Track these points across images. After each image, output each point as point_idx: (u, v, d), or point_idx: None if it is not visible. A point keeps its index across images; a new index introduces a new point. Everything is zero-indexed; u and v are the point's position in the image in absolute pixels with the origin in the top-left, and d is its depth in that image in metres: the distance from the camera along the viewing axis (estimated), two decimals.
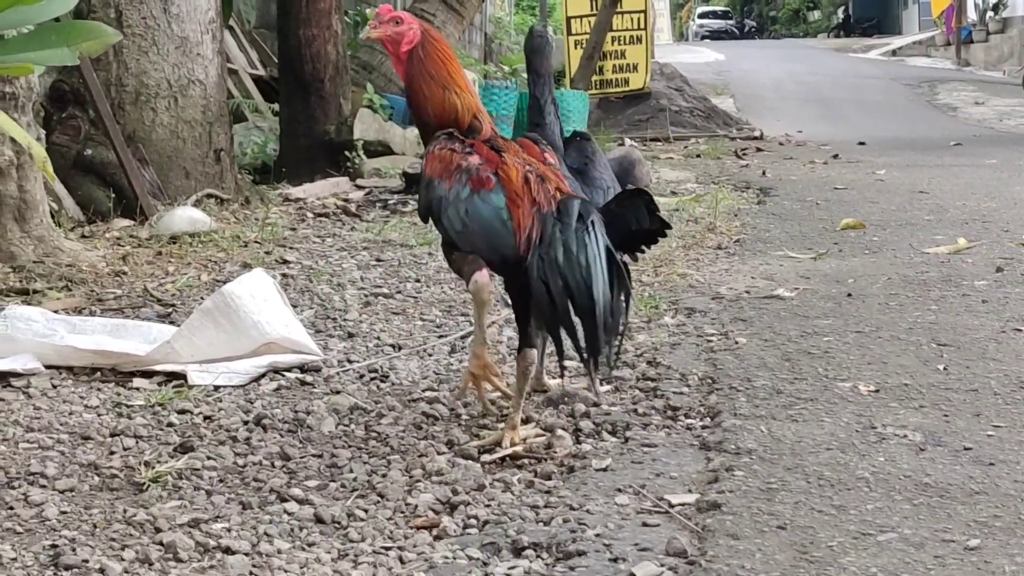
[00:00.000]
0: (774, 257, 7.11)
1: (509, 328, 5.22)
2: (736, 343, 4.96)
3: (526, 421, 3.99)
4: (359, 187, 9.98)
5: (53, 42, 5.59)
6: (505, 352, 4.95)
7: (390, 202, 9.27)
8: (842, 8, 61.33)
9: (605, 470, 3.53)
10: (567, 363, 4.36)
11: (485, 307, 3.79)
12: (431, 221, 3.88)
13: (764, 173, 12.38)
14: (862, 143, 16.64)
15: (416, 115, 3.98)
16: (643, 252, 4.01)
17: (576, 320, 3.59)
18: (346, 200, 9.31)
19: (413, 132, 12.13)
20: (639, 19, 20.16)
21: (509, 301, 4.02)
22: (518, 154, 3.84)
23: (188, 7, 8.39)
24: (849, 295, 5.92)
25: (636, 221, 3.75)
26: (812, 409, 4.03)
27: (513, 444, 3.70)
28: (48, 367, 4.57)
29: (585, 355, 3.62)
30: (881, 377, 4.42)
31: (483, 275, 3.74)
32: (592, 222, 3.59)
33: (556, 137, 4.58)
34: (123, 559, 2.90)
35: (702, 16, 71.97)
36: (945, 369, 4.53)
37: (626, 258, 3.77)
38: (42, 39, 5.62)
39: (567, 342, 3.66)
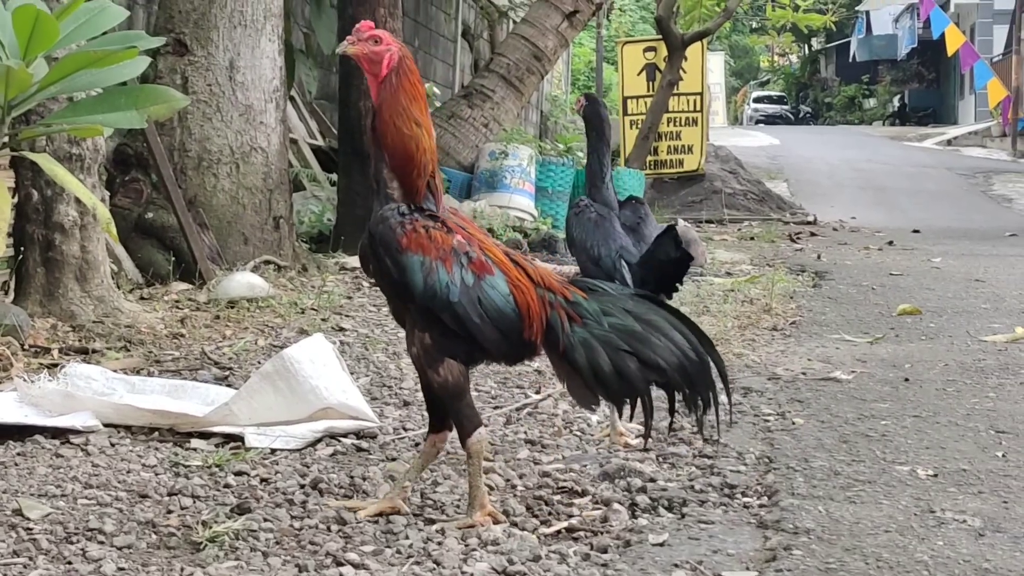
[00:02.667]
0: (830, 340, 7.09)
1: (564, 402, 5.22)
2: (793, 423, 4.94)
3: (582, 494, 3.99)
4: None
5: (122, 105, 5.67)
6: (561, 425, 4.96)
7: None
8: (898, 97, 61.33)
9: (662, 545, 3.51)
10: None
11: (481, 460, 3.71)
12: (416, 311, 3.60)
13: (819, 257, 12.37)
14: (916, 231, 16.61)
15: (375, 143, 3.66)
16: (677, 289, 4.59)
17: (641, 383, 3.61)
18: None
19: (470, 205, 12.21)
20: (695, 101, 20.25)
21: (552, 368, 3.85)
22: (469, 224, 3.74)
23: (253, 75, 8.49)
24: (906, 380, 5.89)
25: (665, 253, 4.45)
26: (870, 491, 4.01)
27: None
28: (107, 425, 4.60)
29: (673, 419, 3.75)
30: (939, 462, 4.39)
31: (484, 431, 3.69)
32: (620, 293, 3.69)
33: (612, 199, 4.99)
34: None
35: (757, 100, 72.05)
36: (1004, 456, 4.49)
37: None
38: (112, 102, 5.70)
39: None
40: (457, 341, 3.60)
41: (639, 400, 3.65)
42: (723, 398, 3.75)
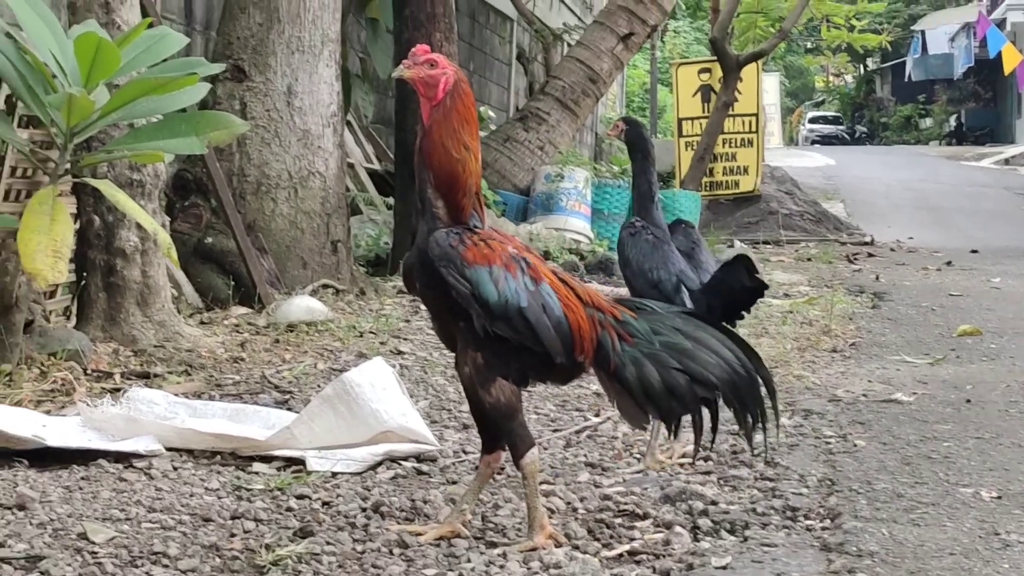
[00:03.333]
0: (890, 361, 7.05)
1: (624, 424, 5.20)
2: (855, 445, 4.92)
3: (643, 517, 3.98)
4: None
5: (183, 131, 5.73)
6: (621, 448, 4.95)
7: None
8: (954, 116, 60.93)
9: (725, 568, 3.50)
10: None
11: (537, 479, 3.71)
12: (467, 329, 3.57)
13: (877, 278, 12.30)
14: (975, 251, 16.49)
15: (421, 163, 3.64)
16: (742, 317, 4.60)
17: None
18: None
19: (526, 228, 12.22)
20: (751, 122, 20.22)
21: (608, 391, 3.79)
22: (513, 241, 3.72)
23: (311, 101, 8.54)
24: (968, 401, 5.85)
25: (738, 281, 4.47)
26: (934, 514, 3.98)
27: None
28: (169, 449, 4.63)
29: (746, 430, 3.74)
30: (1003, 483, 4.35)
31: (536, 450, 3.69)
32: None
33: (662, 220, 4.99)
34: None
35: (812, 121, 71.75)
36: None
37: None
38: (172, 128, 5.76)
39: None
40: (509, 359, 3.60)
41: (691, 417, 3.66)
42: (773, 415, 3.78)
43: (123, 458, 4.50)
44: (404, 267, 3.75)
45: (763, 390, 3.70)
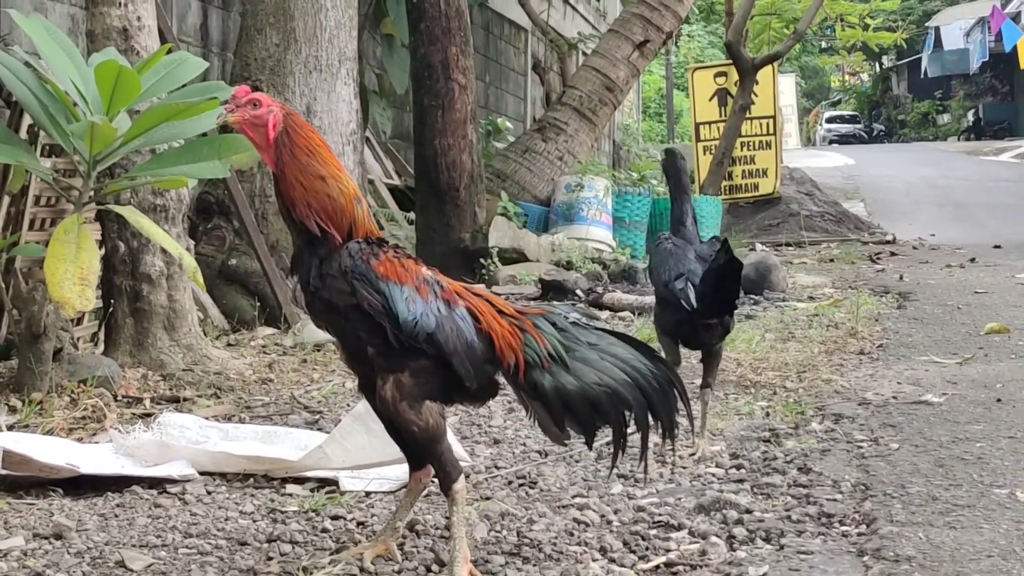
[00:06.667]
0: (919, 362, 7.03)
1: (654, 434, 5.20)
2: (887, 449, 4.90)
3: (678, 528, 3.97)
4: (495, 294, 10.02)
5: (205, 155, 5.75)
6: (652, 459, 4.95)
7: None
8: (972, 111, 60.82)
9: None
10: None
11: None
12: (383, 353, 3.43)
13: (901, 278, 12.28)
14: (998, 246, 16.45)
15: (291, 208, 3.46)
16: (735, 306, 5.08)
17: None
18: None
19: (548, 239, 12.22)
20: (768, 124, 20.23)
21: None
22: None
23: (330, 119, 8.56)
24: (999, 400, 5.83)
25: (716, 261, 4.85)
26: (970, 516, 3.96)
27: None
28: (202, 473, 4.64)
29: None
30: None
31: (463, 479, 3.54)
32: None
33: (693, 237, 5.41)
34: None
35: (830, 120, 71.71)
36: None
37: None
38: (195, 152, 5.78)
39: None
40: (431, 376, 3.46)
41: (612, 431, 3.62)
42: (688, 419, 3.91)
43: (157, 484, 4.51)
44: (307, 304, 3.56)
45: (677, 399, 3.65)
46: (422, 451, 3.53)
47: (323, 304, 3.46)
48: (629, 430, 3.63)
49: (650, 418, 3.61)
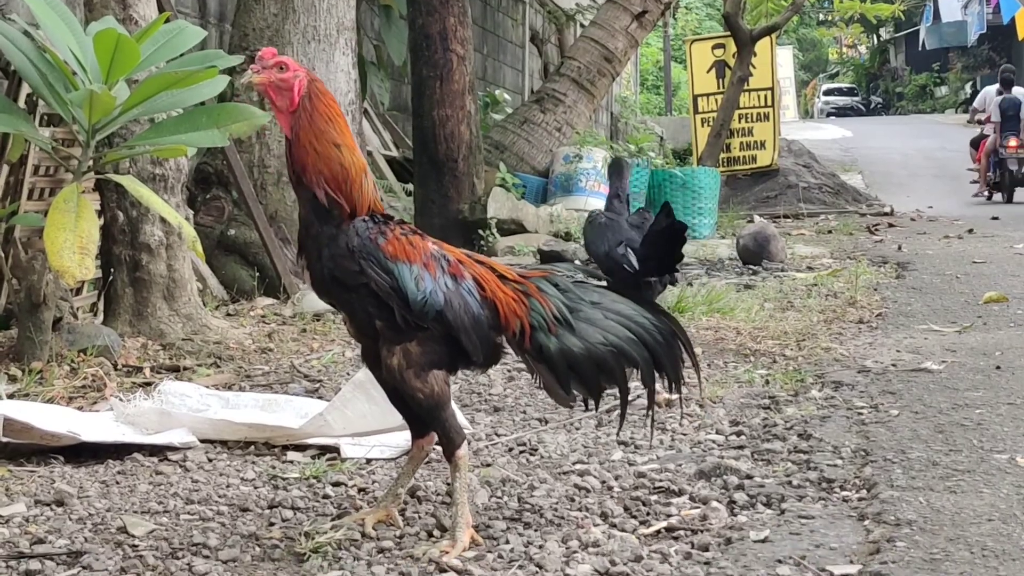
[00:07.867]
0: (917, 331, 7.04)
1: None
2: (887, 415, 4.91)
3: (679, 493, 3.98)
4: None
5: (204, 124, 5.74)
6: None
7: None
8: (970, 83, 60.69)
9: (763, 541, 3.49)
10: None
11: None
12: (390, 326, 3.44)
13: (899, 248, 12.29)
14: (995, 217, 16.47)
15: (301, 174, 3.46)
16: (677, 270, 5.53)
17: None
18: None
19: (546, 210, 12.22)
20: (766, 96, 20.19)
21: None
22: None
23: (329, 89, 8.52)
24: (998, 368, 5.84)
25: (658, 223, 5.29)
26: (970, 480, 3.97)
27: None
28: (203, 441, 4.65)
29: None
30: None
31: (467, 445, 3.56)
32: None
33: (624, 210, 5.96)
34: None
35: (827, 93, 71.61)
36: None
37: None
38: (193, 121, 5.77)
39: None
40: (440, 348, 3.48)
41: (618, 390, 3.64)
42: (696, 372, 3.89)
43: (158, 451, 4.52)
44: (315, 283, 3.56)
45: (683, 353, 3.67)
46: (427, 418, 3.55)
47: (331, 281, 3.46)
48: (634, 386, 3.64)
49: (656, 373, 3.62)
